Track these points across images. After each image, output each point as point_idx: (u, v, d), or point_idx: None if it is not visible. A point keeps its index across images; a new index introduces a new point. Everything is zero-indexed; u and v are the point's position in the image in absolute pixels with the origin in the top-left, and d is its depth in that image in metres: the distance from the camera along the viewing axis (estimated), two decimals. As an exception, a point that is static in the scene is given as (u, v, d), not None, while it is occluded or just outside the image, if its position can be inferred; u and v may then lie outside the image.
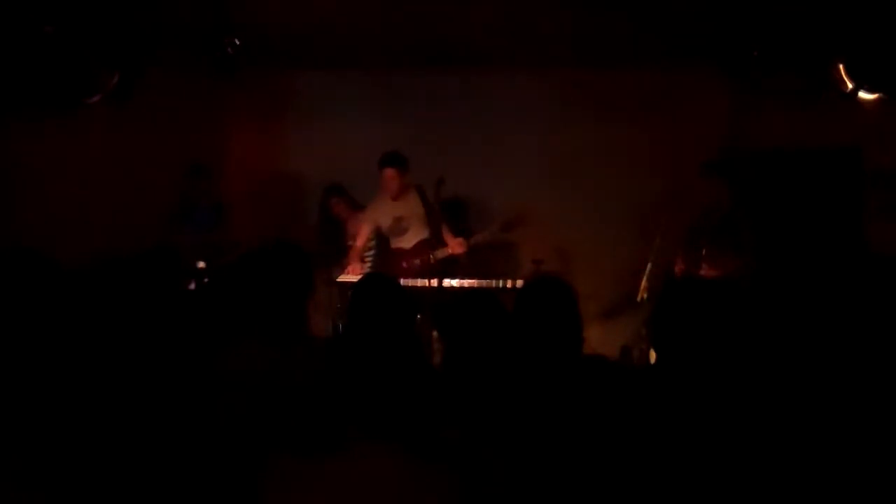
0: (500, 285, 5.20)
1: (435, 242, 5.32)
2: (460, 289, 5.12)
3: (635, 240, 5.64)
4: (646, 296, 5.17)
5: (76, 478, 1.98)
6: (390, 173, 5.45)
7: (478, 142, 6.45)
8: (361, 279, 3.16)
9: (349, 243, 6.00)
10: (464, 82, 6.47)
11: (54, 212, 4.89)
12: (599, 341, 4.54)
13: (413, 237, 5.59)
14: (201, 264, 5.33)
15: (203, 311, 3.10)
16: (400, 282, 3.65)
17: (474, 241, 5.52)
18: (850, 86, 5.14)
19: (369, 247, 5.93)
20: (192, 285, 5.05)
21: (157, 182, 5.67)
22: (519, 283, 5.10)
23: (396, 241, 5.69)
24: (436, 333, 3.68)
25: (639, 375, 2.57)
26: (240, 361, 2.52)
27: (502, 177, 6.40)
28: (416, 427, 1.92)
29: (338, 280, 5.50)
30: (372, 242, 5.92)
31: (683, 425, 2.02)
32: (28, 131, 4.84)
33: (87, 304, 2.54)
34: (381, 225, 5.70)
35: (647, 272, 5.20)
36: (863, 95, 5.16)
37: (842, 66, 5.15)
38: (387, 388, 1.92)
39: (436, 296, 4.86)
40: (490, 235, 5.59)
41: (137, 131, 5.58)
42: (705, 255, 4.78)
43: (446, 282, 5.05)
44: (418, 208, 5.40)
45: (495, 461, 2.07)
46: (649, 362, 4.49)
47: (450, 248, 5.41)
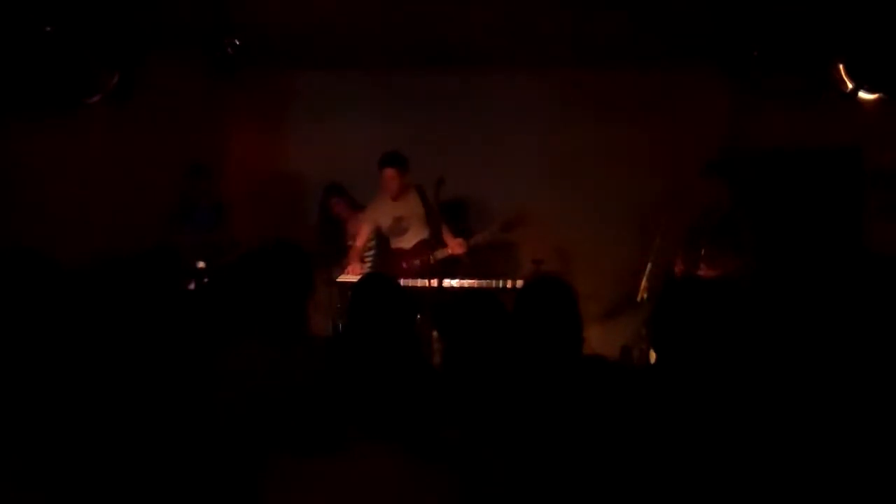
0: (500, 285, 5.20)
1: (435, 243, 5.31)
2: (460, 289, 5.12)
3: (635, 240, 5.65)
4: (646, 296, 5.18)
5: (76, 478, 1.98)
6: (390, 173, 5.45)
7: (478, 142, 6.45)
8: (361, 279, 3.15)
9: (349, 243, 6.00)
10: (464, 82, 6.47)
11: (54, 212, 4.89)
12: (599, 341, 4.55)
13: (413, 237, 5.59)
14: (201, 264, 5.33)
15: (203, 311, 3.10)
16: (400, 282, 3.65)
17: (474, 241, 5.51)
18: (850, 86, 5.14)
19: (369, 247, 5.93)
20: (192, 285, 5.05)
21: (157, 182, 5.66)
22: (519, 283, 5.10)
23: (396, 241, 5.69)
24: (436, 333, 3.68)
25: (639, 375, 2.57)
26: (240, 361, 2.52)
27: (502, 177, 6.40)
28: (416, 427, 1.92)
29: (338, 280, 5.50)
30: (372, 242, 5.92)
31: (683, 425, 2.02)
32: (28, 131, 4.84)
33: (87, 304, 2.54)
34: (381, 225, 5.70)
35: (647, 272, 5.20)
36: (863, 95, 5.15)
37: (842, 66, 5.15)
38: (387, 388, 1.92)
39: (436, 296, 4.85)
40: (490, 236, 5.58)
41: (137, 131, 5.58)
42: (705, 255, 4.78)
43: (446, 282, 5.05)
44: (418, 208, 5.39)
45: (495, 461, 2.07)
46: (649, 362, 4.49)
47: (450, 249, 5.40)
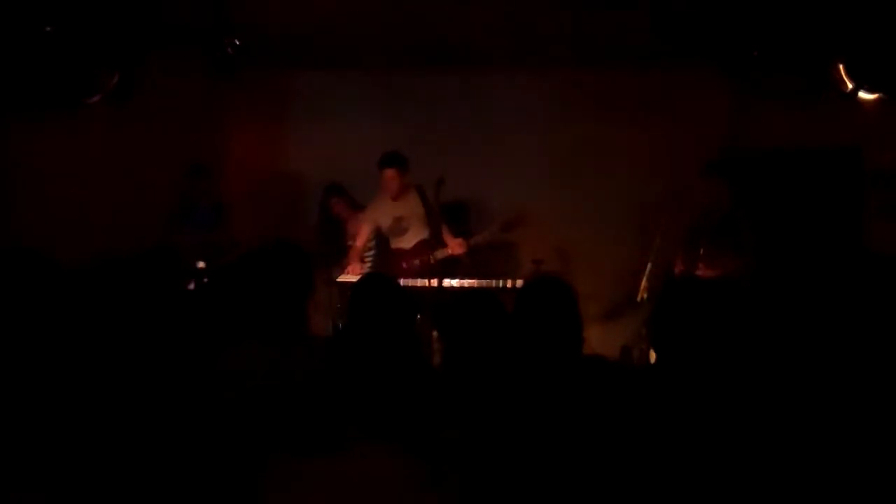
0: (500, 285, 5.19)
1: (435, 243, 5.31)
2: (460, 289, 5.12)
3: (635, 240, 5.65)
4: (646, 296, 5.17)
5: (76, 478, 1.98)
6: (390, 173, 5.45)
7: (478, 142, 6.45)
8: (361, 279, 3.15)
9: (349, 243, 6.00)
10: (464, 82, 6.47)
11: (54, 212, 4.89)
12: (599, 341, 4.54)
13: (413, 237, 5.59)
14: (201, 264, 5.33)
15: (203, 311, 3.10)
16: (400, 282, 3.65)
17: (474, 241, 5.51)
18: (850, 86, 5.14)
19: (369, 247, 5.93)
20: (192, 285, 5.05)
21: (157, 182, 5.66)
22: (519, 283, 5.10)
23: (396, 242, 5.69)
24: (436, 333, 3.68)
25: (639, 375, 2.58)
26: (240, 361, 2.52)
27: (502, 177, 6.40)
28: (416, 427, 1.92)
29: (338, 280, 5.50)
30: (372, 242, 5.92)
31: (683, 425, 2.02)
32: (28, 131, 4.84)
33: (87, 304, 2.54)
34: (381, 225, 5.70)
35: (647, 272, 5.20)
36: (863, 95, 5.15)
37: (842, 66, 5.15)
38: (387, 388, 1.92)
39: (436, 296, 4.85)
40: (490, 236, 5.58)
41: (137, 131, 5.58)
42: (705, 255, 4.78)
43: (446, 282, 5.04)
44: (418, 208, 5.39)
45: (495, 461, 2.07)
46: (649, 362, 4.49)
47: (450, 249, 5.40)
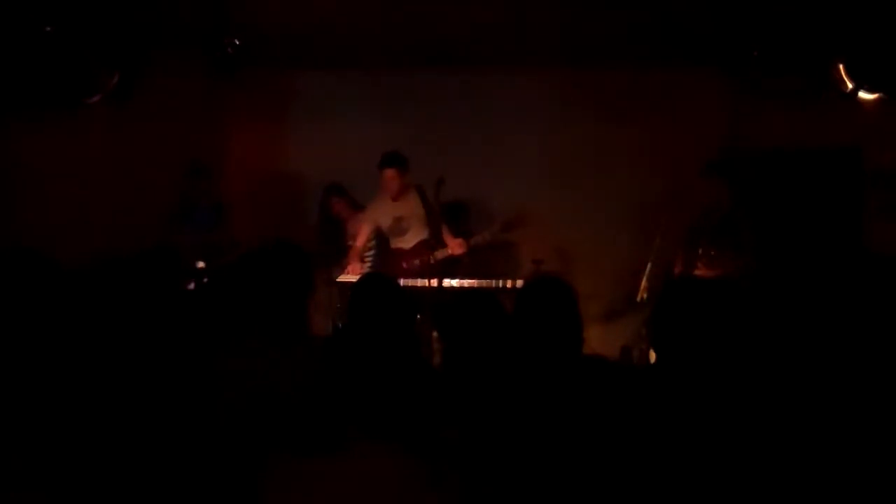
0: (500, 285, 5.19)
1: (435, 243, 5.30)
2: (460, 289, 5.12)
3: (635, 240, 5.64)
4: (646, 296, 5.17)
5: (76, 478, 1.98)
6: (390, 173, 5.45)
7: (478, 142, 6.45)
8: (360, 279, 3.15)
9: (349, 243, 5.99)
10: (464, 82, 6.47)
11: (54, 212, 4.89)
12: (599, 341, 4.54)
13: (413, 237, 5.59)
14: (201, 264, 5.33)
15: (203, 311, 3.10)
16: (400, 282, 3.65)
17: (474, 241, 5.51)
18: (850, 86, 5.14)
19: (369, 247, 5.93)
20: (192, 285, 5.05)
21: (157, 182, 5.66)
22: (519, 283, 5.09)
23: (396, 242, 5.69)
24: (436, 333, 3.68)
25: (639, 375, 2.58)
26: (240, 361, 2.51)
27: (502, 177, 6.40)
28: (416, 427, 1.92)
29: (338, 280, 5.49)
30: (372, 242, 5.92)
31: (683, 425, 2.02)
32: (28, 131, 4.84)
33: (87, 304, 2.54)
34: (381, 225, 5.70)
35: (647, 272, 5.19)
36: (863, 95, 5.16)
37: (842, 66, 5.15)
38: (387, 388, 1.92)
39: (436, 296, 4.85)
40: (490, 236, 5.58)
41: (137, 131, 5.58)
42: (705, 255, 4.78)
43: (446, 282, 5.04)
44: (418, 208, 5.38)
45: (495, 461, 2.07)
46: (649, 362, 4.49)
47: (450, 249, 5.40)
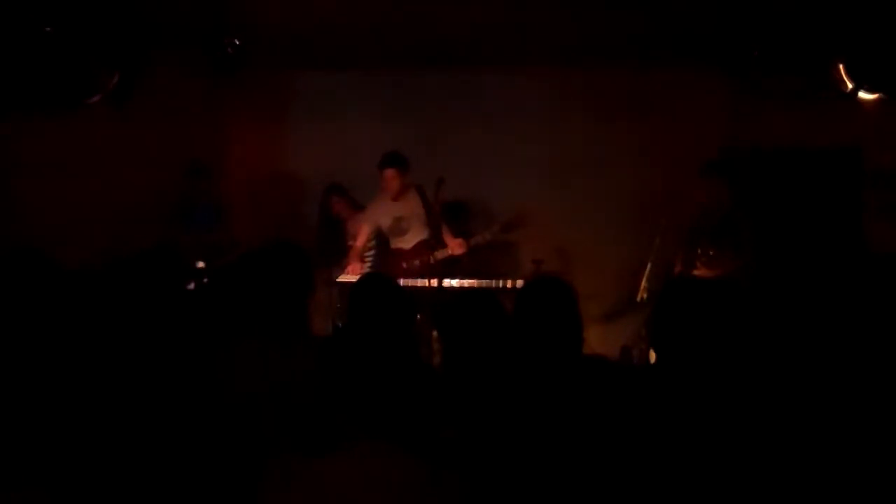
0: (500, 285, 5.19)
1: (435, 243, 5.30)
2: (460, 289, 5.12)
3: (635, 240, 5.64)
4: (646, 296, 5.17)
5: (77, 478, 1.99)
6: (390, 173, 5.45)
7: (478, 142, 6.45)
8: (360, 279, 3.14)
9: (349, 243, 5.99)
10: (464, 82, 6.46)
11: (54, 212, 4.89)
12: (599, 341, 4.54)
13: (413, 237, 5.59)
14: (201, 264, 5.33)
15: (203, 311, 3.10)
16: (400, 282, 3.65)
17: (474, 241, 5.51)
18: (850, 86, 5.14)
19: (369, 247, 5.92)
20: (192, 285, 5.05)
21: (157, 182, 5.67)
22: (519, 283, 5.09)
23: (396, 242, 5.68)
24: (436, 333, 3.68)
25: (639, 375, 2.58)
26: (240, 361, 2.52)
27: (502, 177, 6.39)
28: (416, 427, 1.92)
29: (338, 280, 5.49)
30: (372, 242, 5.92)
31: (683, 425, 2.02)
32: (28, 131, 4.84)
33: (88, 304, 2.54)
34: (381, 225, 5.70)
35: (646, 272, 5.19)
36: (863, 95, 5.16)
37: (842, 66, 5.15)
38: (386, 388, 1.92)
39: (436, 296, 4.85)
40: (490, 236, 5.58)
41: (137, 131, 5.57)
42: (704, 255, 4.78)
43: (446, 282, 5.04)
44: (418, 208, 5.38)
45: (495, 461, 2.07)
46: (649, 362, 4.49)
47: (450, 249, 5.40)
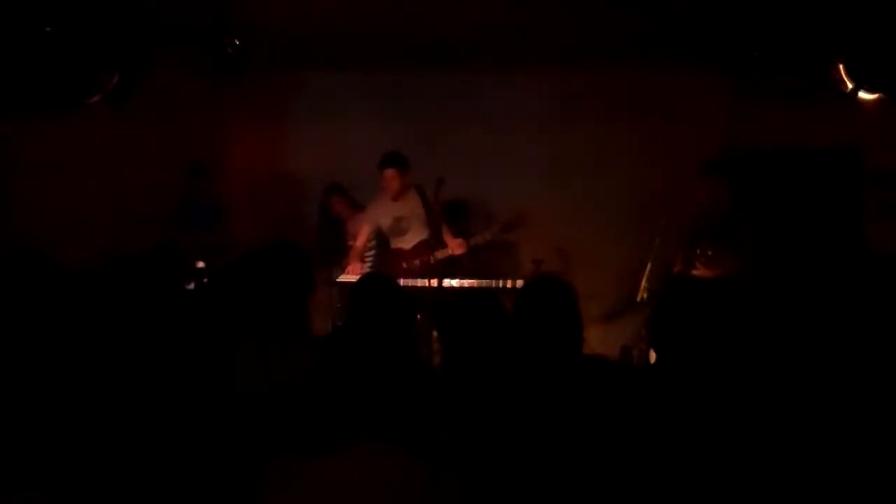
0: (500, 285, 5.19)
1: (435, 243, 5.30)
2: (460, 289, 5.12)
3: (635, 240, 5.64)
4: (646, 296, 5.17)
5: (77, 478, 1.99)
6: (390, 173, 5.45)
7: (478, 142, 6.45)
8: (360, 279, 3.15)
9: (349, 243, 5.99)
10: (464, 82, 6.46)
11: (54, 212, 4.89)
12: (599, 341, 4.54)
13: (413, 237, 5.59)
14: (201, 264, 5.33)
15: (203, 311, 3.10)
16: (400, 282, 3.65)
17: (474, 241, 5.51)
18: (850, 86, 5.14)
19: (369, 247, 5.93)
20: (192, 285, 5.05)
21: (157, 182, 5.67)
22: (519, 283, 5.09)
23: (396, 242, 5.69)
24: (436, 333, 3.68)
25: (639, 375, 2.58)
26: (240, 361, 2.52)
27: (502, 177, 6.40)
28: (416, 427, 1.92)
29: (338, 280, 5.50)
30: (372, 242, 5.92)
31: (683, 425, 2.02)
32: (28, 131, 4.84)
33: (88, 304, 2.54)
34: (381, 225, 5.70)
35: (646, 272, 5.19)
36: (863, 95, 5.16)
37: (842, 66, 5.15)
38: (386, 388, 1.92)
39: (436, 296, 4.85)
40: (490, 236, 5.58)
41: (137, 131, 5.58)
42: (704, 254, 4.78)
43: (446, 282, 5.04)
44: (418, 208, 5.38)
45: (495, 461, 2.07)
46: (649, 362, 4.49)
47: (450, 249, 5.40)
